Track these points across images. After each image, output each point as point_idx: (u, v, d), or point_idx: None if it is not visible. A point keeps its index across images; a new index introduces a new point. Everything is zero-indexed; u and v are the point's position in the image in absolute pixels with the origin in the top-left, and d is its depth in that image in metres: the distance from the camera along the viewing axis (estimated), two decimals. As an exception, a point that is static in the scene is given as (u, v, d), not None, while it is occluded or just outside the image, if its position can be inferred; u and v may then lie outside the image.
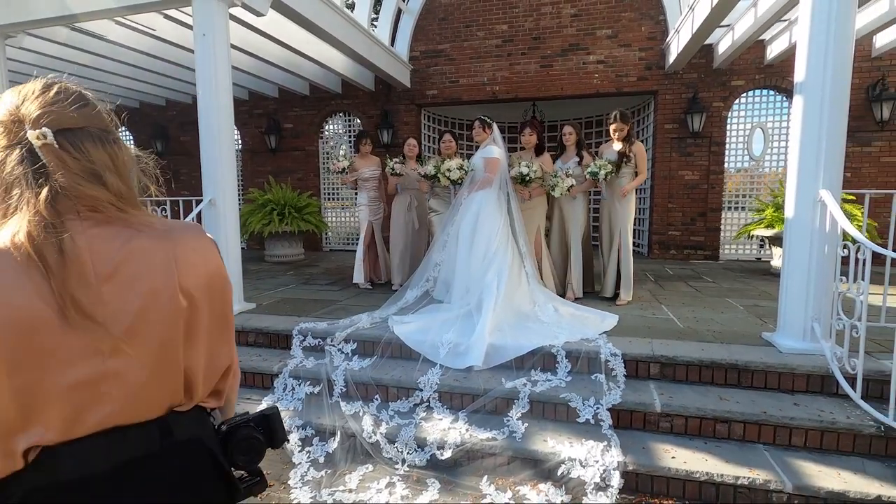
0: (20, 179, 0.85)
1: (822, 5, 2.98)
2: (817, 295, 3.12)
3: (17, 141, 0.86)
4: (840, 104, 3.03)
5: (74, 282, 0.82)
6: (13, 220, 0.85)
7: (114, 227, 0.88)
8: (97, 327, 0.83)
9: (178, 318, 0.91)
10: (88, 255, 0.84)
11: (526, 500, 2.54)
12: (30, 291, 0.81)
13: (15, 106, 0.88)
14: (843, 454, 2.65)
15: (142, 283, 0.87)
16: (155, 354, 0.89)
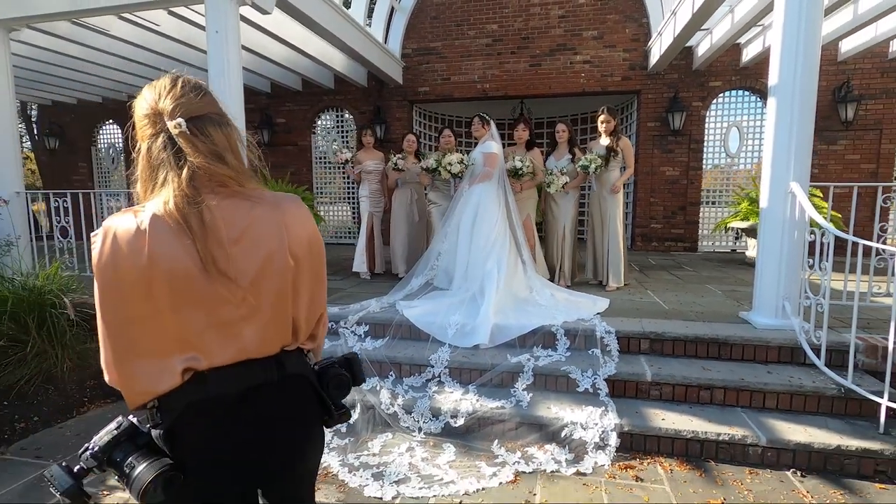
0: (164, 162, 1.10)
1: (793, 17, 3.33)
2: (788, 276, 3.49)
3: (160, 130, 1.11)
4: (808, 105, 3.40)
5: (213, 244, 1.07)
6: (156, 198, 1.09)
7: (237, 199, 1.13)
8: (230, 281, 1.09)
9: (288, 274, 1.16)
10: (222, 223, 1.09)
11: (534, 459, 2.83)
12: (181, 250, 1.06)
13: (154, 101, 1.12)
14: (809, 414, 3.02)
15: (261, 246, 1.13)
16: (272, 303, 1.15)
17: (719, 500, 2.48)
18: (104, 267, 1.05)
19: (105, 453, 1.06)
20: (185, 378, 1.09)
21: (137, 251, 1.04)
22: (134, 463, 1.04)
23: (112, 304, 1.07)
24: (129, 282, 1.05)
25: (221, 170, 1.11)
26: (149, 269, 1.04)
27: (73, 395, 3.67)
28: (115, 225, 1.07)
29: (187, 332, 1.08)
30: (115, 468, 1.06)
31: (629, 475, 2.71)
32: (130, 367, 1.08)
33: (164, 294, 1.05)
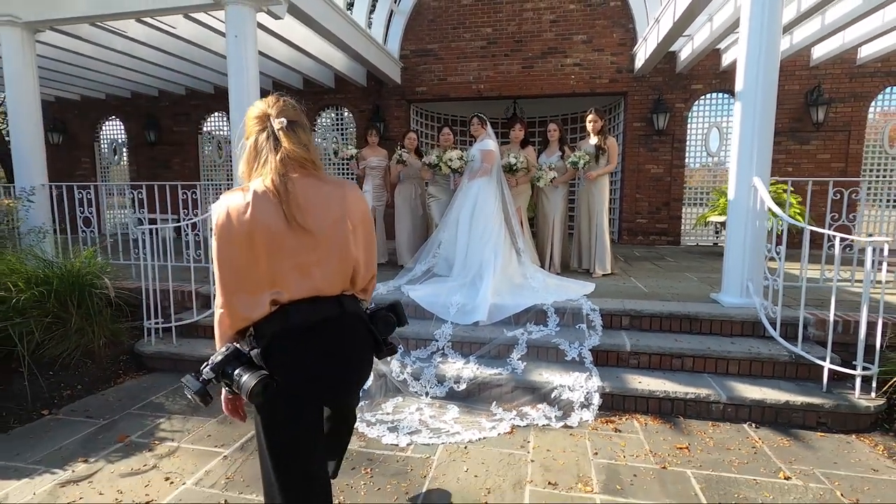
0: (265, 149, 1.52)
1: (755, 34, 3.79)
2: (751, 260, 3.96)
3: (265, 127, 1.53)
4: (769, 110, 3.85)
5: (294, 206, 1.49)
6: (259, 178, 1.51)
7: (312, 179, 1.55)
8: (306, 233, 1.51)
9: (349, 235, 1.58)
10: (301, 193, 1.50)
11: (527, 416, 3.26)
12: (273, 212, 1.48)
13: (265, 108, 1.56)
14: (765, 377, 3.48)
15: (328, 212, 1.55)
16: (337, 256, 1.57)
17: (685, 444, 2.93)
18: (222, 227, 1.47)
19: (220, 367, 1.48)
20: (272, 309, 1.51)
21: (244, 214, 1.46)
22: (241, 373, 1.46)
23: (226, 253, 1.48)
24: (237, 236, 1.46)
25: (305, 156, 1.54)
26: (250, 227, 1.46)
27: (108, 368, 4.03)
28: (229, 198, 1.49)
29: (275, 272, 1.50)
30: (227, 378, 1.47)
31: (609, 428, 3.15)
32: (236, 299, 1.50)
33: (261, 244, 1.47)
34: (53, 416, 3.32)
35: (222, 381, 1.49)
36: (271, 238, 1.47)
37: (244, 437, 3.01)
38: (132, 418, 3.28)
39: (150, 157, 10.96)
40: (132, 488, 2.49)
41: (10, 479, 2.57)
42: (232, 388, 1.48)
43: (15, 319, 3.61)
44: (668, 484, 2.54)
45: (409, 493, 2.44)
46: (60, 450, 2.86)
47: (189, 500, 2.38)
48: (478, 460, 2.76)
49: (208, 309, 4.44)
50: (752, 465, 2.73)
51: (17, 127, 5.43)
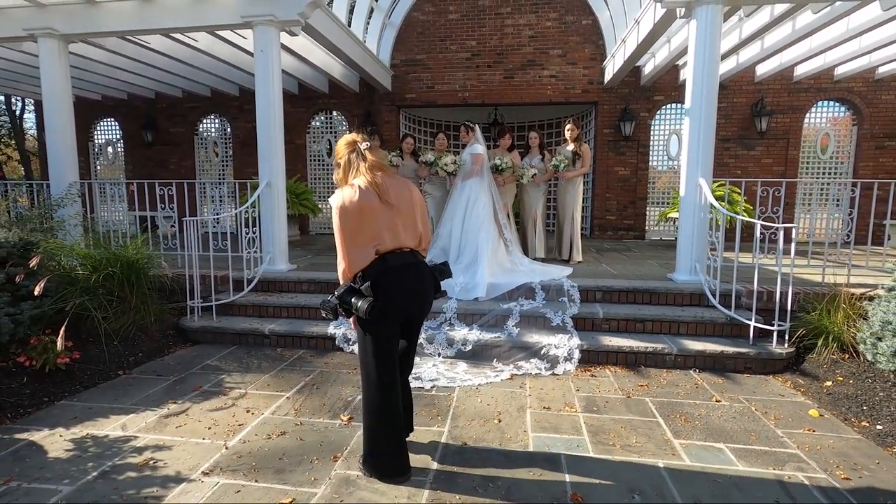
0: (356, 161, 2.33)
1: (699, 63, 4.72)
2: (698, 245, 4.89)
3: (354, 148, 2.34)
4: (710, 123, 4.80)
5: (384, 192, 2.30)
6: (357, 178, 2.30)
7: (388, 178, 2.36)
8: (393, 207, 2.32)
9: (416, 211, 2.39)
10: (387, 184, 2.30)
11: (522, 367, 4.08)
12: (373, 197, 2.27)
13: (353, 138, 2.41)
14: (707, 336, 4.41)
15: (404, 194, 2.37)
16: (411, 222, 2.40)
17: (645, 383, 3.80)
18: (342, 209, 2.26)
19: (342, 296, 2.27)
20: (375, 257, 2.30)
21: (354, 200, 2.25)
22: (356, 300, 2.25)
23: (346, 225, 2.27)
24: (352, 213, 2.25)
25: (382, 164, 2.39)
26: (359, 206, 2.25)
27: (159, 340, 4.66)
28: (343, 192, 2.28)
29: (375, 232, 2.30)
30: (345, 304, 2.27)
31: (587, 375, 4.00)
32: (354, 253, 2.29)
33: (366, 216, 2.26)
34: (128, 375, 3.95)
35: (341, 306, 2.28)
36: (371, 212, 2.28)
37: (299, 385, 3.73)
38: (196, 376, 3.94)
39: (147, 157, 11.36)
40: (222, 418, 3.18)
41: (119, 415, 3.22)
42: (350, 309, 2.27)
43: (84, 297, 4.21)
44: (632, 406, 3.40)
45: (439, 416, 3.22)
46: (149, 396, 3.52)
47: (271, 423, 3.10)
48: (488, 396, 3.57)
49: (241, 291, 5.11)
50: (693, 394, 3.62)
51: (52, 127, 5.94)
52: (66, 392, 3.57)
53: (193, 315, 4.93)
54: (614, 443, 2.88)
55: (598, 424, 3.11)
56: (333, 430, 3.03)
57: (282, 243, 5.66)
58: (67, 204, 5.46)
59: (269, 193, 5.50)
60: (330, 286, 5.27)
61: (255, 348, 4.63)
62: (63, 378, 3.69)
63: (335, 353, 4.51)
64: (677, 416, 3.25)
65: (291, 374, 3.97)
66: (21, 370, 3.61)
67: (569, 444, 2.87)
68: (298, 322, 4.86)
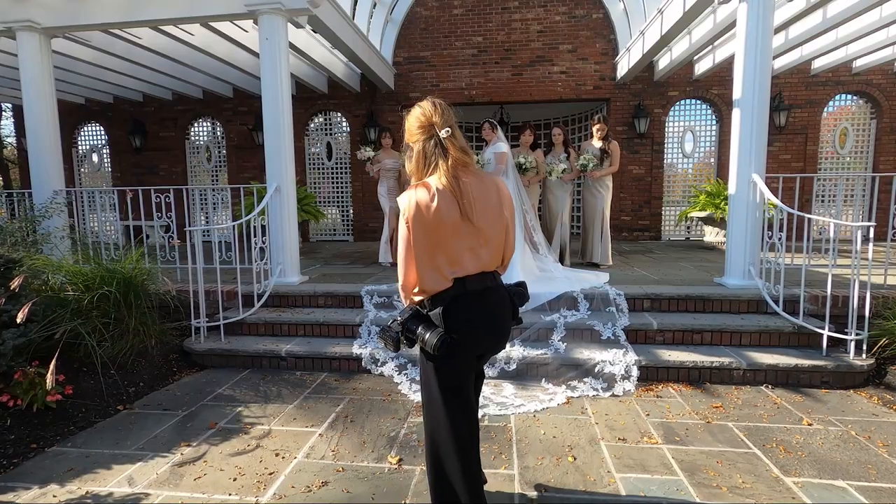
0: (434, 155, 1.83)
1: (751, 49, 4.34)
2: (752, 247, 4.51)
3: (431, 135, 1.84)
4: (763, 115, 4.43)
5: (467, 203, 1.82)
6: (432, 176, 1.82)
7: (473, 177, 1.87)
8: (473, 226, 1.82)
9: (503, 225, 1.91)
10: (470, 192, 1.83)
11: (577, 388, 3.65)
12: (452, 206, 1.80)
13: (428, 117, 1.86)
14: (773, 346, 4.01)
15: (490, 205, 1.88)
16: (496, 242, 1.91)
17: (719, 404, 3.39)
18: (415, 217, 1.78)
19: (405, 323, 1.81)
20: (452, 282, 1.83)
21: (431, 206, 1.77)
22: (423, 331, 1.79)
23: (420, 238, 1.79)
24: (429, 224, 1.77)
25: (466, 159, 1.87)
26: (437, 216, 1.77)
27: (161, 367, 4.13)
28: (416, 194, 1.80)
29: (456, 254, 1.82)
30: (410, 332, 1.82)
31: (651, 395, 3.58)
32: (427, 275, 1.81)
33: (446, 230, 1.79)
34: (129, 410, 3.44)
35: (404, 334, 1.82)
36: (453, 226, 1.80)
37: (330, 417, 3.25)
38: (209, 409, 3.44)
39: (135, 163, 10.75)
40: (248, 464, 2.69)
41: (123, 463, 2.72)
42: (413, 339, 1.82)
43: (75, 321, 3.68)
44: (717, 434, 2.98)
45: (502, 453, 2.77)
46: (157, 438, 3.01)
47: (307, 470, 2.61)
48: (549, 425, 3.12)
49: (250, 307, 4.61)
50: (778, 416, 3.21)
51: (35, 132, 5.38)
52: (58, 435, 3.04)
53: (199, 336, 4.41)
54: (717, 483, 2.45)
55: (689, 460, 2.68)
56: (383, 476, 2.56)
57: (293, 253, 5.16)
58: (53, 214, 4.91)
59: (279, 199, 5.01)
60: (350, 300, 4.79)
61: (270, 372, 4.14)
62: (54, 418, 3.17)
63: (362, 375, 4.03)
64: (773, 444, 2.84)
65: (318, 404, 3.48)
66: (3, 411, 3.08)
67: (665, 487, 2.43)
68: (317, 341, 4.37)
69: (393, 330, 1.84)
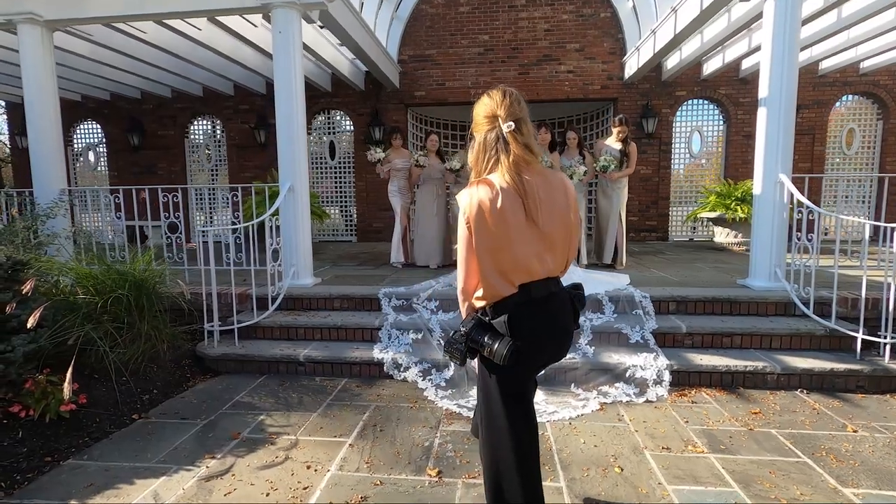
0: (495, 149, 1.71)
1: (779, 48, 4.28)
2: (778, 248, 4.43)
3: (494, 127, 1.72)
4: (791, 113, 4.35)
5: (532, 204, 1.69)
6: (494, 174, 1.70)
7: (537, 175, 1.75)
8: (539, 229, 1.70)
9: (570, 227, 1.79)
10: (536, 192, 1.70)
11: (609, 394, 3.54)
12: (517, 206, 1.67)
13: (493, 107, 1.73)
14: (803, 350, 3.93)
15: (557, 206, 1.75)
16: (562, 246, 1.78)
17: (757, 410, 3.30)
18: (477, 218, 1.65)
19: (469, 333, 1.69)
20: (517, 288, 1.71)
21: (495, 206, 1.64)
22: (490, 341, 1.67)
23: (484, 240, 1.67)
24: (493, 225, 1.65)
25: (529, 157, 1.73)
26: (502, 217, 1.65)
27: (174, 373, 3.97)
28: (477, 192, 1.67)
29: (521, 258, 1.70)
30: (474, 342, 1.70)
31: (685, 401, 3.48)
32: (493, 280, 1.69)
33: (510, 234, 1.66)
34: (145, 419, 3.28)
35: (468, 344, 1.70)
36: (518, 228, 1.67)
37: (357, 426, 3.11)
38: (229, 418, 3.29)
39: (132, 161, 10.52)
40: (279, 478, 2.55)
41: (146, 478, 2.56)
42: (479, 350, 1.71)
43: (86, 326, 3.52)
44: (762, 442, 2.88)
45: (545, 463, 2.65)
46: (178, 449, 2.86)
47: (343, 483, 2.48)
48: (588, 433, 3.01)
49: (264, 310, 4.46)
50: (820, 423, 3.13)
51: (36, 129, 5.19)
52: (73, 447, 2.88)
53: (212, 340, 4.26)
54: (776, 495, 2.35)
55: (740, 470, 2.58)
56: (425, 490, 2.43)
57: (306, 255, 5.02)
58: (58, 214, 4.71)
59: (292, 199, 4.86)
60: (366, 302, 4.65)
61: (288, 378, 3.99)
62: (67, 428, 3.01)
63: (384, 381, 3.89)
64: (822, 453, 2.75)
65: (343, 412, 3.34)
66: (14, 421, 2.91)
67: (721, 499, 2.33)
68: (336, 346, 4.23)
69: (459, 342, 1.72)
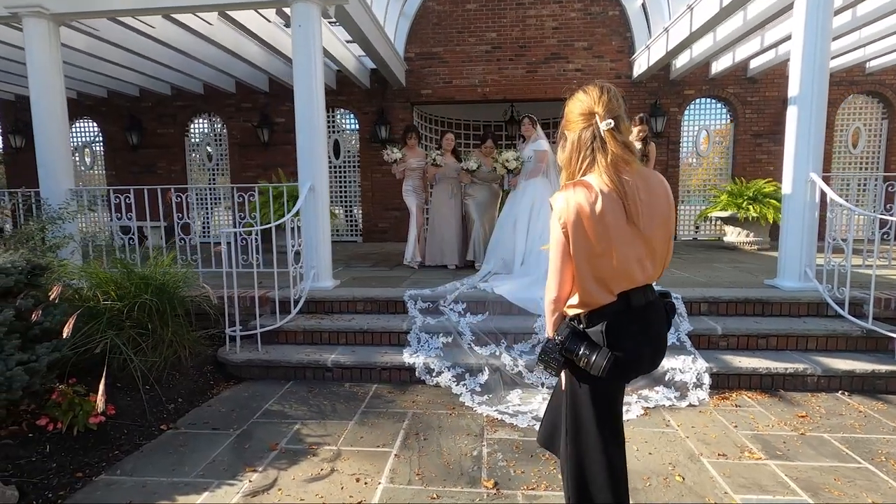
0: (591, 149, 1.60)
1: (811, 39, 4.22)
2: (808, 248, 4.39)
3: (590, 124, 1.61)
4: (822, 111, 4.30)
5: (635, 209, 1.58)
6: (591, 175, 1.59)
7: (636, 176, 1.63)
8: (640, 233, 1.60)
9: (670, 230, 1.69)
10: (636, 193, 1.60)
11: (650, 398, 3.46)
12: (618, 210, 1.56)
13: (591, 104, 1.62)
14: (839, 351, 3.89)
15: (658, 208, 1.64)
16: (661, 251, 1.68)
17: (804, 413, 3.24)
18: (576, 222, 1.54)
19: (564, 343, 1.59)
20: (616, 297, 1.61)
21: (595, 209, 1.54)
22: (587, 351, 1.57)
23: (582, 246, 1.56)
24: (593, 230, 1.54)
25: (629, 157, 1.62)
26: (601, 221, 1.54)
27: (197, 380, 3.83)
28: (574, 194, 1.56)
29: (622, 265, 1.59)
30: (569, 353, 1.61)
31: (728, 404, 3.42)
32: (591, 287, 1.59)
33: (610, 239, 1.56)
34: (174, 430, 3.14)
35: (562, 353, 1.61)
36: (619, 233, 1.56)
37: (399, 436, 3.00)
38: (263, 427, 3.16)
39: (131, 161, 10.29)
40: (329, 491, 2.44)
41: (188, 493, 2.43)
42: (574, 360, 1.61)
43: (110, 332, 3.37)
44: (817, 447, 2.82)
45: (603, 474, 2.56)
46: (215, 462, 2.73)
47: (398, 497, 2.37)
48: (640, 440, 2.93)
49: (286, 314, 4.32)
50: (870, 426, 3.08)
51: (43, 126, 5.02)
52: (103, 461, 2.74)
53: (233, 345, 4.12)
54: (847, 504, 2.29)
55: (803, 477, 2.51)
56: (484, 504, 2.33)
57: (326, 257, 4.89)
58: (72, 216, 4.51)
59: (313, 199, 4.72)
60: (391, 305, 4.54)
61: (316, 384, 3.86)
62: (95, 441, 2.86)
63: (416, 386, 3.78)
64: (882, 458, 2.69)
65: (381, 420, 3.23)
66: (41, 434, 2.76)
67: (795, 509, 2.26)
68: (363, 350, 4.11)
69: (555, 352, 1.61)
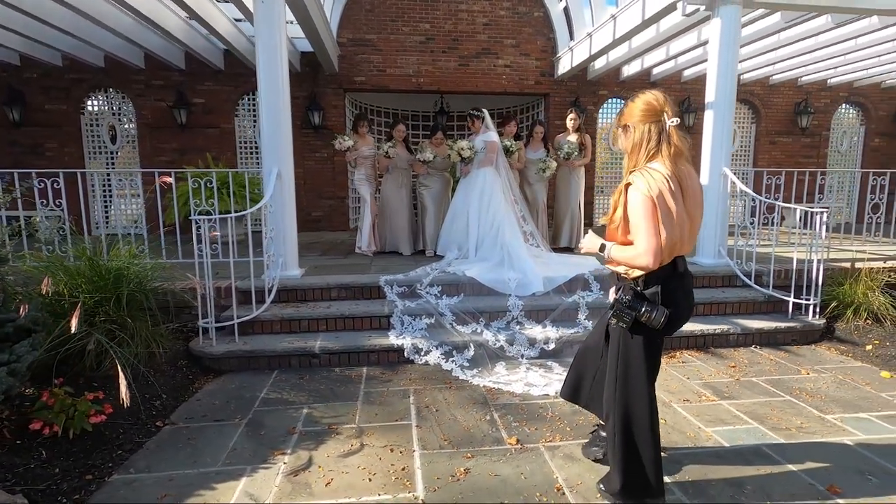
0: (657, 141, 1.97)
1: (724, 56, 5.02)
2: (721, 231, 5.26)
3: (659, 120, 1.96)
4: (730, 115, 5.15)
5: (689, 194, 1.98)
6: (655, 162, 1.95)
7: (687, 166, 2.04)
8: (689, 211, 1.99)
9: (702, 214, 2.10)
10: (687, 182, 1.99)
11: (615, 361, 3.99)
12: (678, 193, 1.94)
13: (660, 104, 1.97)
14: (750, 314, 4.76)
15: (697, 195, 2.06)
16: (696, 229, 2.10)
17: (733, 364, 3.97)
18: (659, 196, 1.87)
19: (631, 302, 1.94)
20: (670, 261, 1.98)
21: (670, 188, 1.89)
22: (650, 309, 1.93)
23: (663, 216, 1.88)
24: (664, 206, 1.89)
25: (684, 150, 2.01)
26: (675, 198, 1.91)
27: (174, 375, 3.64)
28: (653, 176, 1.89)
29: (679, 237, 1.97)
30: (634, 310, 1.96)
31: (676, 362, 4.06)
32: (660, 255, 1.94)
33: (679, 214, 1.93)
34: (172, 425, 3.00)
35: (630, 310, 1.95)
36: (679, 211, 1.94)
37: (411, 411, 3.18)
38: (269, 415, 3.14)
39: (11, 140, 8.90)
40: (370, 463, 2.56)
41: (225, 481, 2.41)
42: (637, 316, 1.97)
43: (90, 329, 3.09)
44: (750, 388, 3.52)
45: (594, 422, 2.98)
46: (237, 451, 2.70)
47: (438, 461, 2.57)
48: (619, 395, 3.40)
49: (261, 304, 4.22)
50: (781, 370, 3.88)
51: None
52: (109, 461, 2.58)
53: (208, 338, 3.94)
54: (786, 426, 2.94)
55: (749, 410, 3.15)
56: (514, 456, 2.62)
57: (293, 245, 4.80)
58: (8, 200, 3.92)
59: (279, 186, 4.60)
60: (367, 291, 4.62)
61: (304, 371, 3.86)
62: (93, 443, 2.67)
63: (406, 366, 3.95)
64: (797, 392, 3.44)
65: (387, 399, 3.37)
66: (31, 440, 2.52)
67: (752, 434, 2.85)
68: (346, 335, 4.17)
69: (628, 308, 1.95)
